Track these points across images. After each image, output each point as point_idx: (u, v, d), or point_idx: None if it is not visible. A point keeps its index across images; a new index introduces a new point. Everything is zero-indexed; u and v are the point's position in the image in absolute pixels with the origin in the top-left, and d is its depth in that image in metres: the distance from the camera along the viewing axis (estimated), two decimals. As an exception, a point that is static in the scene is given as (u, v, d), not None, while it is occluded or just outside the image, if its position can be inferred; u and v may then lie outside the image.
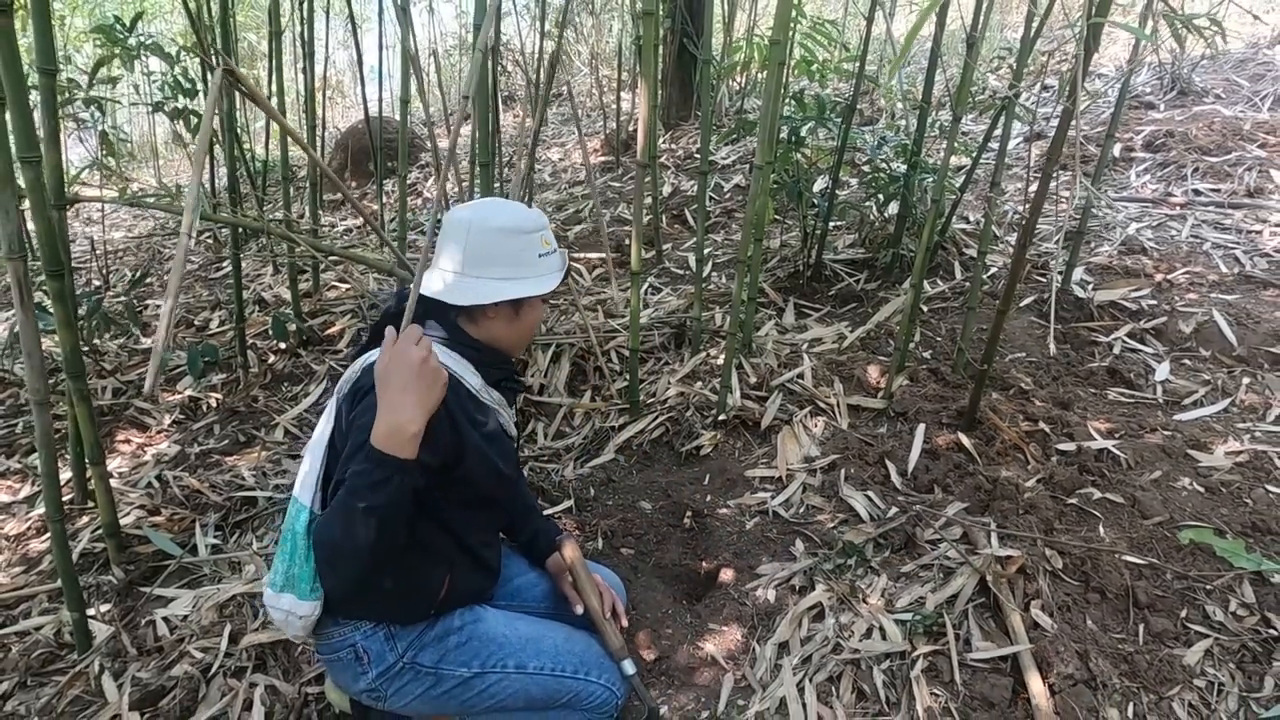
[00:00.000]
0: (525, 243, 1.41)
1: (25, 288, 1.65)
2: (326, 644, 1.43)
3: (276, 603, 1.37)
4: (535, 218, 1.45)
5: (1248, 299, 2.84)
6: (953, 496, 2.05)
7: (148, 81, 5.23)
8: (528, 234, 1.41)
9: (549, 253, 1.44)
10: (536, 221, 1.44)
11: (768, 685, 1.68)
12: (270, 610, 1.39)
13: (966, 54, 2.31)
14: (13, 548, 2.44)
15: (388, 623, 1.42)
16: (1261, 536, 1.86)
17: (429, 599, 1.43)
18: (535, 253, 1.41)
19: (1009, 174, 4.00)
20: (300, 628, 1.38)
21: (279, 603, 1.36)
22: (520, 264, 1.41)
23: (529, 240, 1.41)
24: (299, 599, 1.36)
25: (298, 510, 1.37)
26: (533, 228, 1.42)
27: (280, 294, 3.83)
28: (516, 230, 1.40)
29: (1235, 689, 1.56)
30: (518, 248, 1.40)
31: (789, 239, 3.60)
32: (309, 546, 1.34)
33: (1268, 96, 4.50)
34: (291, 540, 1.36)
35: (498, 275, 1.40)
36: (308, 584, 1.35)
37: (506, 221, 1.41)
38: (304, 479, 1.38)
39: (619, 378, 2.73)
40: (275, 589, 1.37)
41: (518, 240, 1.40)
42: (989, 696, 1.57)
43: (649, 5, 2.07)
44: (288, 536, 1.37)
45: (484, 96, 2.26)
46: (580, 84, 6.91)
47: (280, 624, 1.39)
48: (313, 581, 1.36)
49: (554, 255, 1.45)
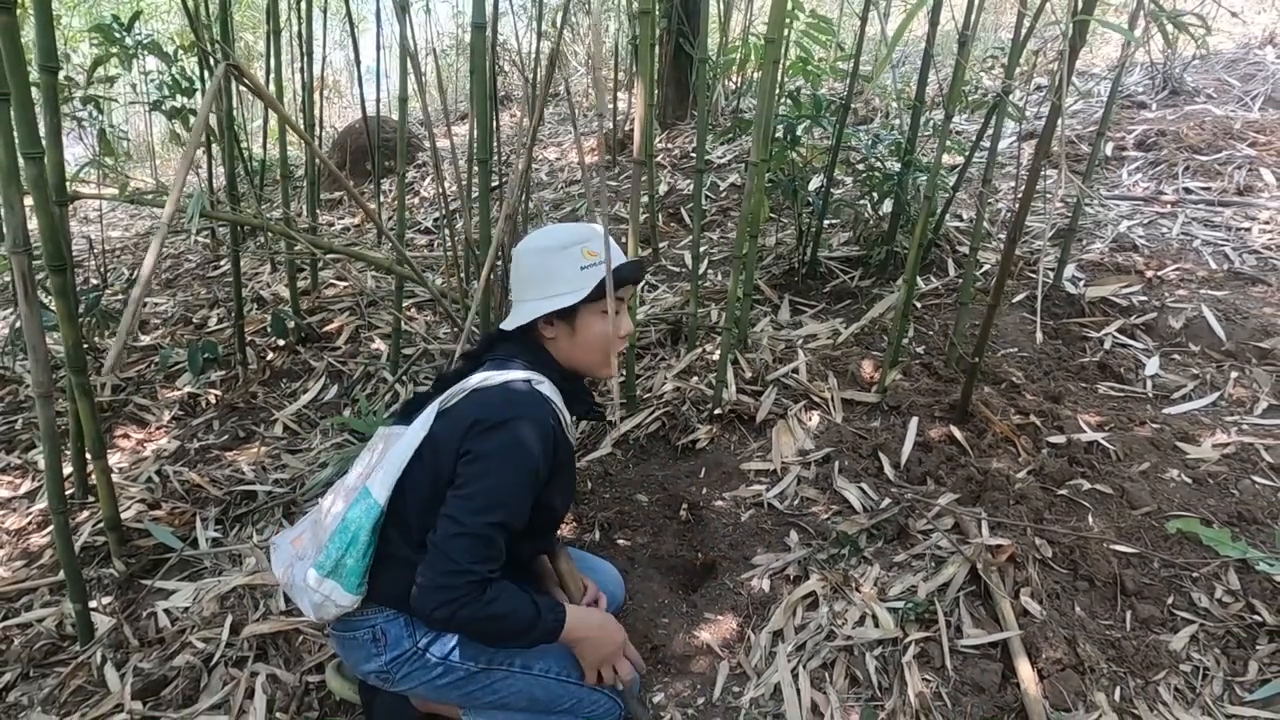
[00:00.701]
0: (562, 259, 1.44)
1: (29, 282, 1.67)
2: (345, 623, 1.45)
3: (319, 586, 1.38)
4: (573, 232, 1.48)
5: (1236, 295, 2.87)
6: (945, 488, 2.08)
7: (145, 80, 5.25)
8: (564, 249, 1.45)
9: (592, 264, 1.44)
10: (575, 236, 1.47)
11: (762, 672, 1.71)
12: (307, 591, 1.40)
13: (959, 53, 2.34)
14: (13, 542, 2.46)
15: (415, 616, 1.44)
16: (1247, 526, 1.90)
17: None
18: (576, 266, 1.44)
19: (1001, 172, 4.03)
20: (333, 614, 1.41)
21: (321, 587, 1.38)
22: (557, 280, 1.45)
23: (566, 255, 1.44)
24: (344, 590, 1.38)
25: (369, 506, 1.39)
26: (570, 242, 1.45)
27: (278, 292, 3.85)
28: (551, 248, 1.45)
29: (1220, 673, 1.59)
30: (554, 265, 1.45)
31: (784, 237, 3.63)
32: (370, 542, 1.38)
33: (1258, 96, 4.54)
34: (354, 533, 1.38)
35: (537, 295, 1.46)
36: (357, 579, 1.38)
37: (542, 242, 1.47)
38: (383, 476, 1.41)
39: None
40: (321, 572, 1.38)
41: (554, 258, 1.45)
42: (979, 681, 1.60)
43: (646, 4, 2.09)
44: (348, 528, 1.38)
45: (483, 95, 2.29)
46: (577, 84, 6.93)
47: (312, 606, 1.40)
48: (362, 577, 1.39)
49: (596, 266, 1.45)
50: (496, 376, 1.43)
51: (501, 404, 1.39)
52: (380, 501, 1.39)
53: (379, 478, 1.41)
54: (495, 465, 1.35)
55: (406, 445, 1.41)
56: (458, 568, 1.29)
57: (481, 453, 1.35)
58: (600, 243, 1.45)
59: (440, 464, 1.39)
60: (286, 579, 1.45)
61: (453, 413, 1.42)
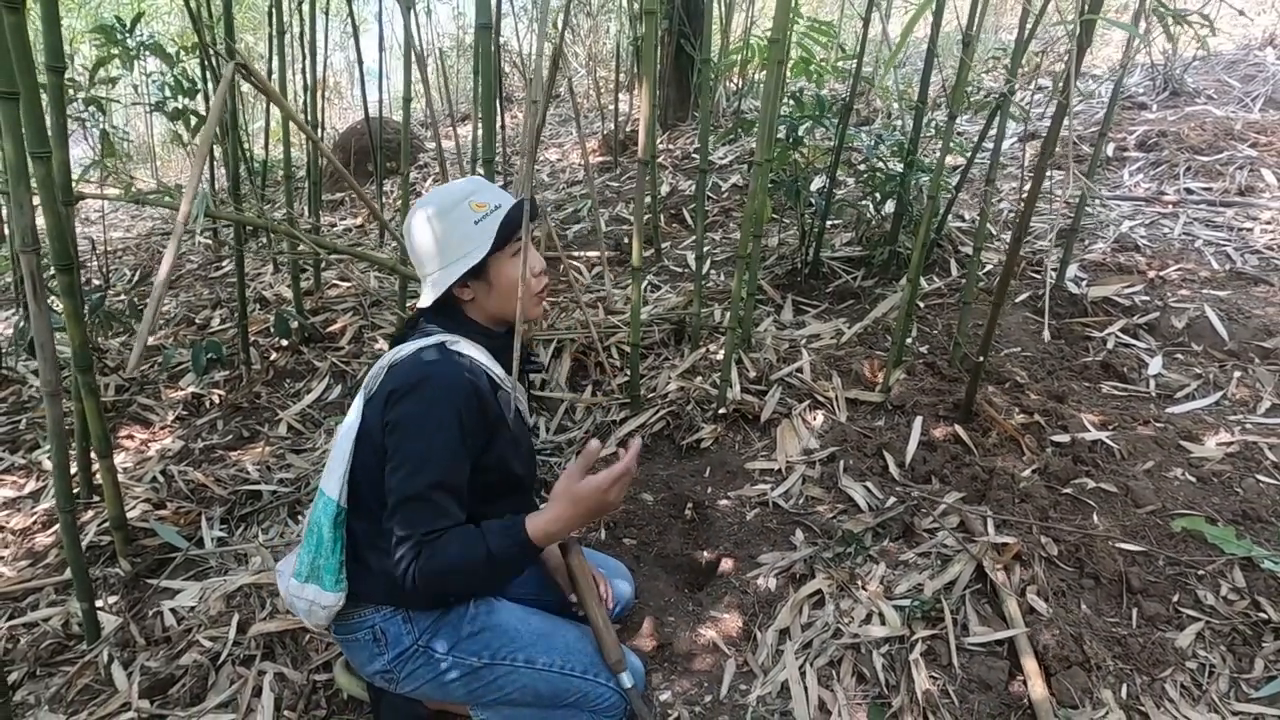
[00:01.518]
0: (453, 220, 1.42)
1: (38, 281, 1.68)
2: (345, 625, 1.46)
3: (300, 593, 1.40)
4: (453, 191, 1.45)
5: (1239, 295, 2.88)
6: (950, 486, 2.09)
7: (147, 82, 5.25)
8: (452, 210, 1.42)
9: (484, 216, 1.43)
10: (457, 193, 1.44)
11: (769, 670, 1.71)
12: (294, 600, 1.42)
13: (962, 54, 2.35)
14: (19, 542, 2.46)
15: (407, 607, 1.44)
16: (1251, 524, 1.90)
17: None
18: (470, 222, 1.42)
19: (1004, 173, 4.04)
20: (324, 617, 1.41)
21: (303, 593, 1.40)
22: (456, 242, 1.42)
23: (456, 215, 1.42)
24: (323, 589, 1.39)
25: (325, 504, 1.40)
26: (455, 201, 1.43)
27: (281, 292, 3.86)
28: (439, 214, 1.43)
29: (1226, 670, 1.59)
30: (448, 229, 1.42)
31: (787, 237, 3.64)
32: (335, 539, 1.38)
33: (1259, 97, 4.55)
34: (318, 533, 1.39)
35: (443, 263, 1.44)
36: (333, 576, 1.38)
37: (427, 211, 1.44)
38: (330, 473, 1.41)
39: (620, 373, 2.76)
40: (300, 579, 1.40)
41: (444, 222, 1.42)
42: (986, 679, 1.60)
43: (649, 4, 2.10)
44: (313, 529, 1.40)
45: (488, 95, 2.29)
46: (578, 85, 6.94)
47: (303, 613, 1.42)
48: (338, 574, 1.39)
49: (492, 215, 1.43)
50: (408, 347, 1.42)
51: (410, 369, 1.38)
52: (333, 496, 1.39)
53: (329, 475, 1.42)
54: (414, 428, 1.34)
55: (344, 438, 1.42)
56: (400, 535, 1.30)
57: (399, 420, 1.35)
58: (484, 193, 1.45)
59: (377, 445, 1.39)
60: (285, 596, 1.46)
61: (376, 394, 1.41)
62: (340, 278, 3.96)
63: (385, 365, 1.42)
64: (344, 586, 1.40)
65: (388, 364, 1.42)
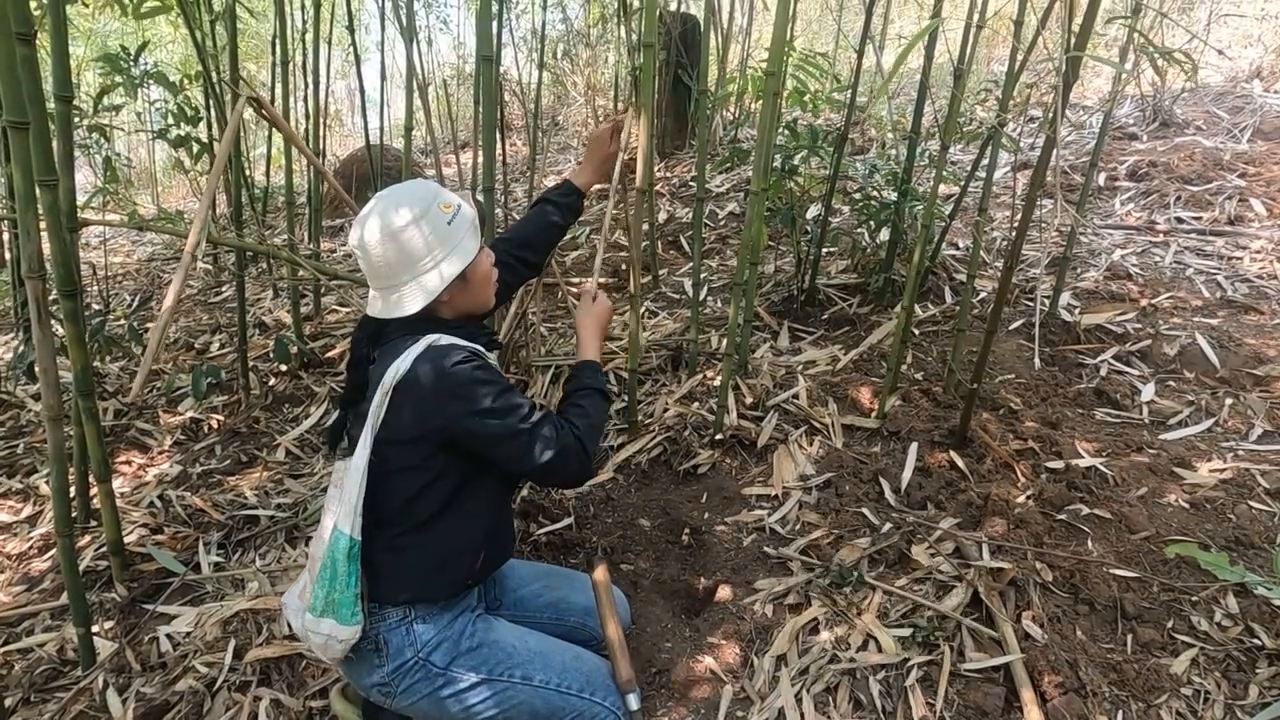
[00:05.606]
0: (427, 226, 1.42)
1: (43, 306, 1.70)
2: None
3: (317, 627, 1.39)
4: (416, 196, 1.44)
5: (1229, 323, 2.91)
6: (945, 512, 2.10)
7: (150, 109, 5.31)
8: (424, 217, 1.42)
9: (453, 215, 1.45)
10: (424, 198, 1.44)
11: (766, 696, 1.71)
12: (309, 635, 1.41)
13: (954, 86, 2.40)
14: (15, 566, 2.46)
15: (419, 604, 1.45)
16: (1245, 550, 1.92)
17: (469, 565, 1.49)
18: (444, 222, 1.43)
19: (996, 202, 4.09)
20: (340, 651, 1.41)
21: (319, 627, 1.39)
22: (437, 243, 1.43)
23: (429, 221, 1.42)
24: (340, 624, 1.38)
25: (339, 539, 1.39)
26: (424, 207, 1.42)
27: (280, 317, 3.88)
28: (412, 222, 1.41)
29: (1221, 697, 1.60)
30: (423, 235, 1.42)
31: (783, 264, 3.68)
32: (350, 573, 1.38)
33: (1246, 128, 4.62)
34: (331, 568, 1.38)
35: (419, 271, 1.43)
36: (349, 609, 1.38)
37: (395, 222, 1.41)
38: (343, 513, 1.40)
39: (617, 399, 2.78)
40: (315, 614, 1.39)
41: (419, 229, 1.42)
42: (982, 705, 1.61)
43: (648, 37, 2.15)
44: (327, 564, 1.39)
45: (490, 124, 2.33)
46: (575, 114, 7.02)
47: (319, 647, 1.42)
48: (354, 606, 1.39)
49: (459, 214, 1.45)
50: (402, 363, 1.39)
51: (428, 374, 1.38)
52: (346, 530, 1.39)
53: (343, 513, 1.40)
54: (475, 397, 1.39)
55: (353, 473, 1.40)
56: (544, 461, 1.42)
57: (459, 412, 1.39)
58: (444, 193, 1.47)
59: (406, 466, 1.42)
60: (300, 631, 1.46)
61: (392, 422, 1.40)
62: (340, 303, 3.99)
63: (389, 389, 1.39)
64: (360, 619, 1.40)
65: (391, 387, 1.39)
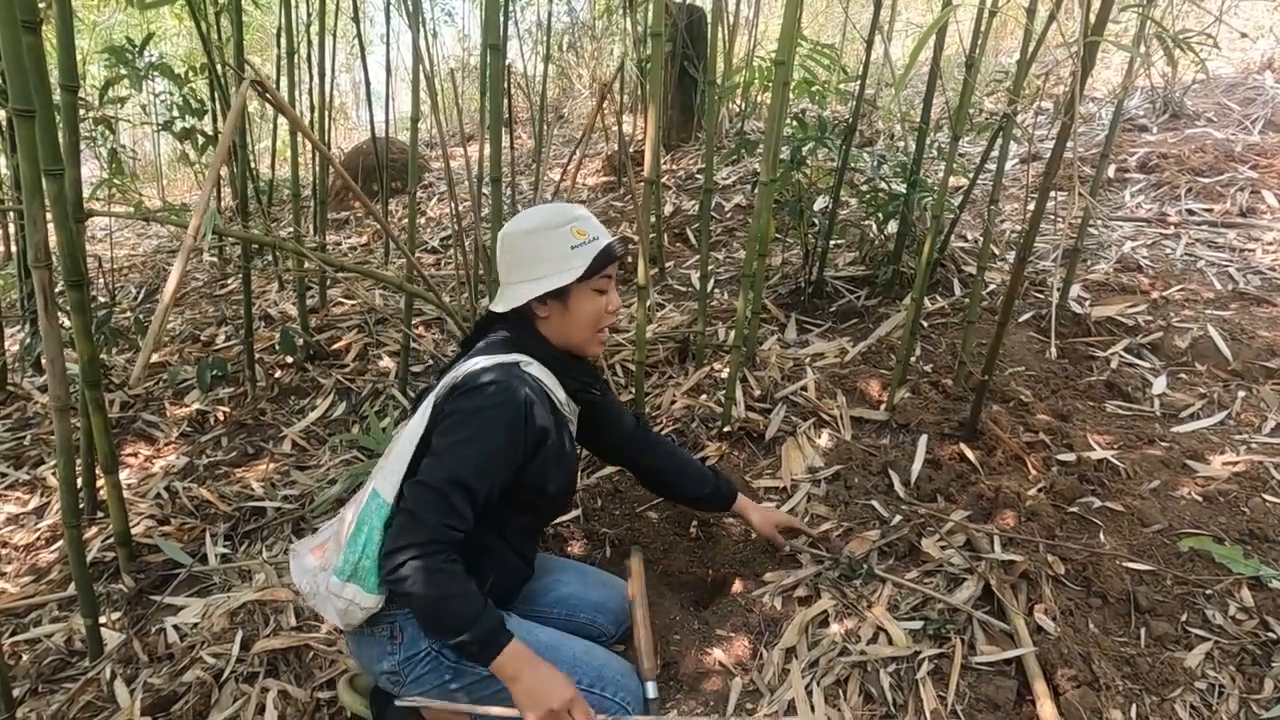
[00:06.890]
0: (551, 239, 1.45)
1: (50, 296, 1.69)
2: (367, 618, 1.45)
3: (340, 591, 1.39)
4: (560, 212, 1.48)
5: (1242, 315, 2.89)
6: (956, 505, 2.09)
7: (155, 101, 5.30)
8: (555, 229, 1.46)
9: (583, 243, 1.46)
10: (564, 215, 1.47)
11: (775, 689, 1.70)
12: (330, 598, 1.40)
13: (965, 76, 2.37)
14: (22, 557, 2.46)
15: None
16: (1259, 543, 1.90)
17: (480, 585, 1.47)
18: (566, 245, 1.45)
19: (1006, 193, 4.06)
20: (360, 618, 1.41)
21: (343, 591, 1.38)
22: (546, 260, 1.46)
23: (555, 235, 1.45)
24: (365, 591, 1.38)
25: (378, 505, 1.40)
26: (559, 222, 1.46)
27: (286, 310, 3.87)
28: (541, 229, 1.46)
29: (1235, 691, 1.58)
30: (543, 245, 1.46)
31: (790, 256, 3.66)
32: (383, 540, 1.38)
33: (1258, 120, 4.58)
34: (367, 533, 1.38)
35: (529, 276, 1.46)
36: (376, 578, 1.38)
37: (531, 223, 1.47)
38: (387, 475, 1.42)
39: (625, 391, 2.77)
40: (341, 578, 1.39)
41: (544, 238, 1.46)
42: (994, 698, 1.59)
43: (655, 27, 2.13)
44: (362, 529, 1.39)
45: (496, 115, 2.32)
46: (581, 107, 7.00)
47: (339, 612, 1.41)
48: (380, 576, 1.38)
49: (589, 245, 1.47)
50: (481, 361, 1.45)
51: (478, 374, 1.42)
52: (388, 499, 1.40)
53: (385, 477, 1.42)
54: (463, 422, 1.38)
55: (408, 441, 1.43)
56: (415, 522, 1.32)
57: (451, 411, 1.40)
58: (587, 222, 1.49)
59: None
60: (310, 589, 1.45)
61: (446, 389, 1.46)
62: (345, 295, 3.98)
63: (461, 374, 1.45)
64: (385, 590, 1.39)
65: (464, 373, 1.44)
